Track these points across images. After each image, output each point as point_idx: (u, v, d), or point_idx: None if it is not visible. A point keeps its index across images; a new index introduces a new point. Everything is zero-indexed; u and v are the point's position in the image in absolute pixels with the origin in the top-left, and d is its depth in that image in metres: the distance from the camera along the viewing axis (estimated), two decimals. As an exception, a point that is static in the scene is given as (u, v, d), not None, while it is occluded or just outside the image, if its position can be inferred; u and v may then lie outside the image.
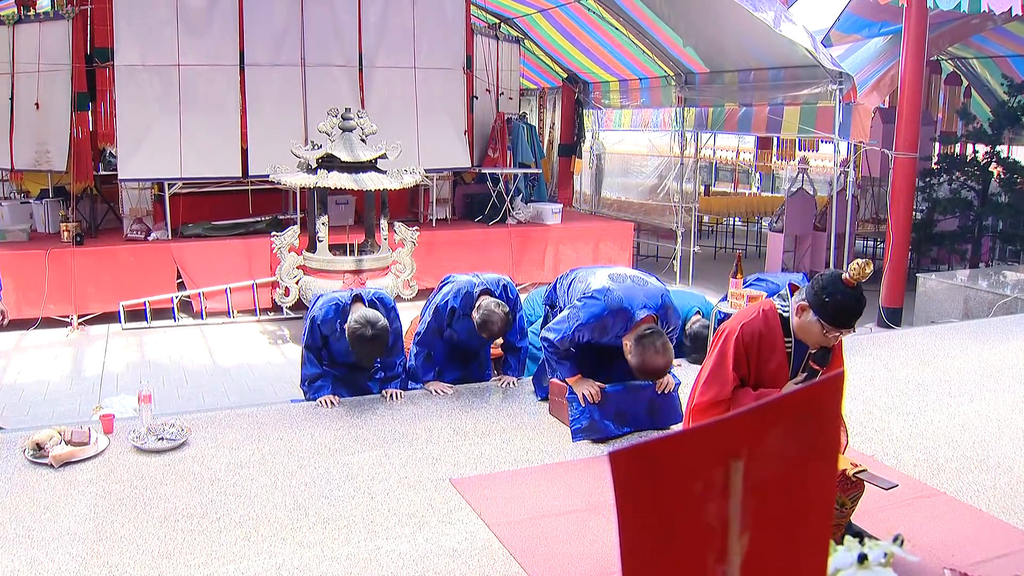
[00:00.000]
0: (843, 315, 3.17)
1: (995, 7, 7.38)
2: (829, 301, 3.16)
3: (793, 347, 3.33)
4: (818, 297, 3.20)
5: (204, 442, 4.51)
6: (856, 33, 11.55)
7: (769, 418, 1.18)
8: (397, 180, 8.11)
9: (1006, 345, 6.77)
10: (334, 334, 5.02)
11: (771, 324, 3.32)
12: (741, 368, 3.28)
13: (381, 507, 3.78)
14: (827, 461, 1.32)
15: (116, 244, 9.60)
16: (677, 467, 1.14)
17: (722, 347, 3.33)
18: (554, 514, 3.75)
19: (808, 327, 3.25)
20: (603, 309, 4.47)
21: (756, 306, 3.44)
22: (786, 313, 3.35)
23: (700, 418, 3.33)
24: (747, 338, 3.29)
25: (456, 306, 5.18)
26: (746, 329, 3.31)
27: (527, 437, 4.67)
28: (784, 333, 3.32)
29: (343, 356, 5.16)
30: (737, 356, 3.28)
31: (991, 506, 3.88)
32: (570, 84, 14.91)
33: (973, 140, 11.94)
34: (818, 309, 3.19)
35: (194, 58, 9.86)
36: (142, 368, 7.82)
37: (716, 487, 1.16)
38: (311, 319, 5.09)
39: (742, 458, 1.15)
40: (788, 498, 1.25)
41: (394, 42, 11.00)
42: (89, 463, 4.18)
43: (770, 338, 3.30)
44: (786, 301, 3.39)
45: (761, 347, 3.29)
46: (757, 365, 3.30)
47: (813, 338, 3.26)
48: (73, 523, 3.58)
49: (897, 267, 9.26)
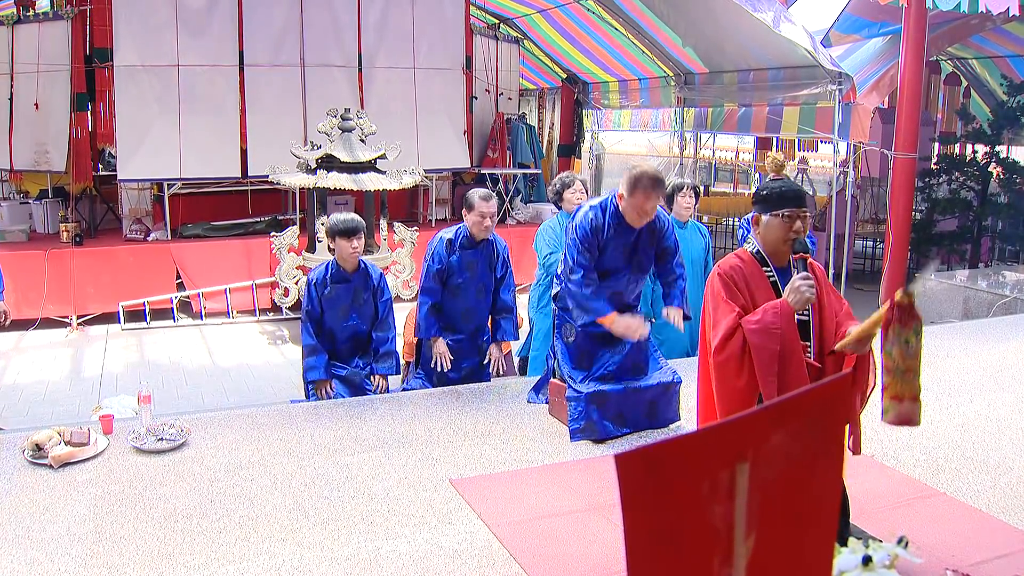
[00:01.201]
0: (784, 194, 3.28)
1: (992, 7, 7.39)
2: (767, 192, 3.33)
3: (776, 275, 3.34)
4: (759, 201, 3.35)
5: (203, 443, 4.50)
6: (855, 33, 11.55)
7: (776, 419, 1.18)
8: (396, 180, 8.10)
9: (1005, 345, 6.77)
10: (326, 291, 5.19)
11: (746, 261, 3.36)
12: (736, 298, 3.27)
13: (381, 508, 3.78)
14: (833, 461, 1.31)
15: (115, 244, 9.60)
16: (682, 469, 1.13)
17: (712, 292, 3.33)
18: (554, 514, 3.74)
19: (769, 231, 3.32)
20: (589, 209, 4.60)
21: (729, 255, 3.50)
22: (755, 247, 3.39)
23: (722, 358, 3.23)
24: (729, 273, 3.31)
25: (451, 237, 5.33)
26: (723, 266, 3.34)
27: (527, 437, 4.67)
28: (762, 264, 3.36)
29: (338, 320, 5.27)
30: (728, 289, 3.27)
31: (991, 506, 3.88)
32: (569, 84, 14.92)
33: (972, 140, 11.94)
34: (765, 206, 3.32)
35: (193, 58, 9.85)
36: (141, 368, 7.81)
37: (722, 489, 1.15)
38: (307, 282, 5.31)
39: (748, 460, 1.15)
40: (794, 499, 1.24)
41: (393, 42, 11.00)
42: (88, 464, 4.17)
43: (751, 272, 3.33)
44: (750, 242, 3.44)
45: (747, 281, 3.31)
46: (750, 298, 3.29)
47: (779, 235, 3.30)
48: (73, 524, 3.57)
49: (897, 267, 9.26)
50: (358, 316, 5.31)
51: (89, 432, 4.33)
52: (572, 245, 4.59)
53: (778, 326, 3.12)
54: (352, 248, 5.12)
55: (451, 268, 5.34)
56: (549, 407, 5.01)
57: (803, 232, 3.28)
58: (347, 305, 5.27)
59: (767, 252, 3.35)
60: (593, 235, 4.53)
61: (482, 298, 5.51)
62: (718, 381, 3.29)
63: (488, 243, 5.42)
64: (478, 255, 5.39)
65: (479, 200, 5.23)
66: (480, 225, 5.26)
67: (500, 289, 5.53)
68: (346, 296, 5.25)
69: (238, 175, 10.12)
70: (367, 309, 5.33)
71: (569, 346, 4.79)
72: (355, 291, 5.26)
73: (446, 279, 5.35)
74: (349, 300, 5.26)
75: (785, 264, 3.34)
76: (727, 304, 3.24)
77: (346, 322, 5.29)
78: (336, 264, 5.23)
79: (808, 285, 3.14)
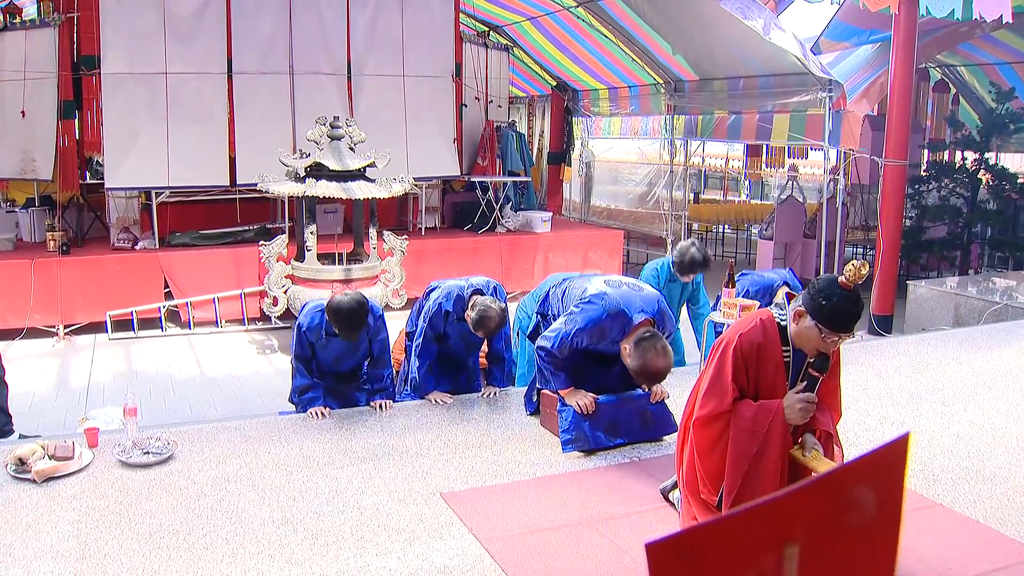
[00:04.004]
0: (841, 319, 3.11)
1: (986, 14, 7.39)
2: (826, 304, 3.11)
3: (792, 356, 3.28)
4: (815, 301, 3.15)
5: (190, 456, 4.44)
6: (845, 40, 11.57)
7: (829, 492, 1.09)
8: (386, 189, 8.06)
9: (998, 353, 6.76)
10: (320, 341, 4.99)
11: (768, 333, 3.26)
12: (740, 379, 3.23)
13: (370, 522, 3.72)
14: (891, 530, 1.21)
15: (103, 253, 9.51)
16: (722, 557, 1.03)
17: (720, 358, 3.27)
18: (546, 528, 3.69)
19: (806, 333, 3.20)
20: (602, 312, 4.43)
21: (753, 315, 3.39)
22: (783, 321, 3.30)
23: (701, 432, 3.29)
24: (745, 348, 3.23)
25: (449, 309, 5.16)
26: (744, 339, 3.25)
27: (518, 449, 4.62)
28: (782, 342, 3.27)
29: (331, 365, 5.15)
30: (736, 367, 3.22)
31: (988, 517, 3.85)
32: (559, 92, 14.90)
33: (962, 147, 11.99)
34: (815, 314, 3.14)
35: (181, 66, 9.79)
36: (129, 379, 7.74)
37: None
38: (297, 327, 5.07)
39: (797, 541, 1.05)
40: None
41: (383, 50, 10.95)
42: (73, 478, 4.11)
43: (767, 348, 3.24)
44: (783, 309, 3.34)
45: (759, 357, 3.24)
46: (755, 376, 3.25)
47: (811, 344, 3.21)
48: (56, 540, 3.50)
49: (888, 274, 9.25)
50: (353, 359, 5.18)
51: (74, 446, 4.26)
52: (572, 322, 4.50)
53: (763, 431, 3.16)
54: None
55: (445, 336, 5.28)
56: (540, 418, 4.96)
57: (835, 348, 3.25)
58: (342, 353, 5.09)
59: (792, 338, 3.29)
60: (594, 335, 4.50)
61: (472, 353, 5.49)
62: (698, 452, 3.35)
63: None
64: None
65: (482, 331, 5.03)
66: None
67: (492, 341, 5.39)
68: (341, 346, 5.03)
69: (226, 183, 10.05)
70: (363, 352, 5.15)
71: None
72: (351, 342, 5.03)
73: (439, 340, 5.30)
74: (344, 349, 5.06)
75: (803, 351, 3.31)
76: (728, 383, 3.22)
77: (339, 366, 5.15)
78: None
79: (808, 411, 3.18)
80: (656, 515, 3.83)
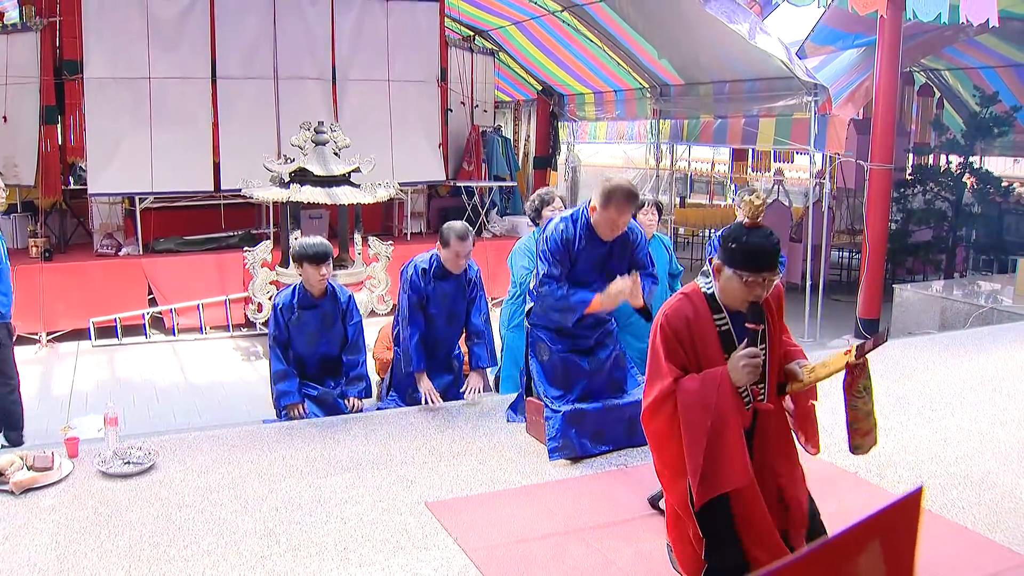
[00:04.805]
0: (755, 256, 2.94)
1: (973, 18, 7.39)
2: (736, 247, 2.96)
3: (729, 321, 3.07)
4: (725, 248, 3.00)
5: (172, 465, 4.39)
6: (830, 44, 11.59)
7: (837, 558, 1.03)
8: (371, 194, 8.00)
9: (984, 356, 6.75)
10: (293, 316, 5.07)
11: (697, 305, 3.06)
12: (677, 357, 3.00)
13: (354, 532, 3.68)
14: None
15: (86, 259, 9.44)
16: None
17: (652, 343, 3.07)
18: (533, 538, 3.65)
19: (729, 286, 3.01)
20: (560, 220, 4.51)
21: (677, 293, 3.18)
22: (710, 288, 3.10)
23: (651, 422, 3.05)
24: (675, 323, 3.03)
25: (426, 267, 5.24)
26: (670, 315, 3.05)
27: (504, 457, 4.58)
28: (713, 310, 3.07)
29: (306, 347, 5.17)
30: (668, 346, 3.01)
31: (977, 523, 3.83)
32: (545, 96, 14.88)
33: (946, 151, 12.04)
34: (730, 260, 2.98)
35: (165, 71, 9.73)
36: (112, 386, 7.67)
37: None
38: (273, 306, 5.17)
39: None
40: None
41: (368, 54, 10.92)
42: (52, 489, 4.04)
43: (699, 320, 3.04)
44: (708, 277, 3.15)
45: (692, 330, 3.03)
46: (693, 350, 3.03)
47: (739, 296, 3.01)
48: (34, 553, 3.45)
49: (873, 278, 9.25)
50: (328, 341, 5.20)
51: (53, 456, 4.20)
52: (543, 257, 4.51)
53: (713, 402, 2.89)
54: (321, 275, 5.00)
55: (427, 298, 5.26)
56: (526, 425, 4.93)
57: (763, 297, 3.01)
58: (316, 331, 5.15)
59: (722, 300, 3.07)
60: (564, 247, 4.45)
61: (455, 325, 5.46)
62: (654, 446, 3.12)
63: (463, 271, 5.35)
64: (452, 284, 5.32)
65: (455, 239, 5.11)
66: (454, 262, 5.18)
67: (471, 312, 5.44)
68: (314, 322, 5.13)
69: (211, 189, 9.99)
70: (336, 333, 5.22)
71: (544, 364, 4.71)
72: (324, 316, 5.15)
73: (423, 308, 5.28)
74: (318, 326, 5.15)
75: (738, 310, 3.06)
76: (665, 364, 3.00)
77: (315, 347, 5.18)
78: (303, 289, 5.10)
79: (753, 366, 2.89)
80: (644, 524, 3.80)
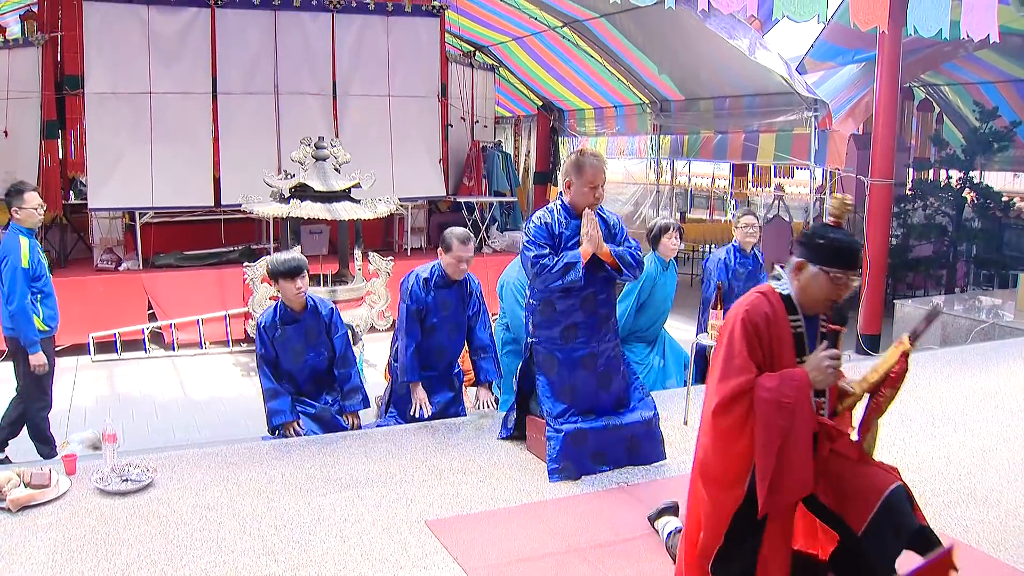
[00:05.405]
0: (844, 252, 2.91)
1: (974, 34, 7.39)
2: (824, 243, 2.92)
3: (804, 325, 3.01)
4: (812, 245, 2.96)
5: (170, 483, 4.36)
6: (830, 60, 11.60)
7: None
8: (371, 210, 8.00)
9: (987, 372, 6.73)
10: (277, 334, 5.09)
11: (774, 303, 2.97)
12: (756, 355, 2.89)
13: (353, 551, 3.65)
14: None
15: (86, 274, 9.44)
16: None
17: (729, 337, 2.95)
18: (533, 557, 3.62)
19: (812, 284, 2.94)
20: (534, 217, 4.52)
21: (751, 291, 3.09)
22: (786, 289, 3.02)
23: (723, 419, 2.90)
24: (756, 319, 2.92)
25: (427, 276, 5.22)
26: (751, 310, 2.94)
27: (504, 475, 4.55)
28: (789, 311, 2.99)
29: (293, 362, 5.16)
30: (749, 342, 2.90)
31: (981, 542, 3.80)
32: (545, 112, 14.91)
33: (946, 166, 12.04)
34: (816, 257, 2.93)
35: (166, 86, 9.75)
36: (112, 401, 7.64)
37: None
38: (257, 325, 5.20)
39: None
40: None
41: (368, 70, 10.94)
42: (49, 507, 4.01)
43: (777, 319, 2.95)
44: (781, 279, 3.07)
45: (771, 329, 2.94)
46: (770, 350, 2.93)
47: (822, 295, 2.94)
48: (31, 571, 3.41)
49: (874, 293, 9.23)
50: (314, 355, 5.19)
51: (50, 473, 4.17)
52: (528, 247, 4.46)
53: (792, 401, 2.78)
54: (297, 289, 4.99)
55: (427, 308, 5.24)
56: (527, 443, 4.89)
57: (844, 298, 2.96)
58: (301, 345, 5.14)
59: (800, 301, 3.00)
60: (546, 230, 4.46)
61: (455, 337, 5.42)
62: (714, 439, 2.96)
63: (463, 282, 5.32)
64: (453, 295, 5.29)
65: (457, 243, 5.09)
66: (456, 267, 5.16)
67: (475, 327, 5.41)
68: (298, 337, 5.12)
69: (211, 204, 9.99)
70: (322, 347, 5.21)
71: (551, 379, 4.63)
72: (307, 331, 5.14)
73: (422, 319, 5.25)
74: (302, 340, 5.14)
75: (814, 313, 3.03)
76: (744, 360, 2.88)
77: (303, 362, 5.17)
78: (283, 306, 5.11)
79: (835, 366, 2.83)
80: (645, 543, 3.76)
